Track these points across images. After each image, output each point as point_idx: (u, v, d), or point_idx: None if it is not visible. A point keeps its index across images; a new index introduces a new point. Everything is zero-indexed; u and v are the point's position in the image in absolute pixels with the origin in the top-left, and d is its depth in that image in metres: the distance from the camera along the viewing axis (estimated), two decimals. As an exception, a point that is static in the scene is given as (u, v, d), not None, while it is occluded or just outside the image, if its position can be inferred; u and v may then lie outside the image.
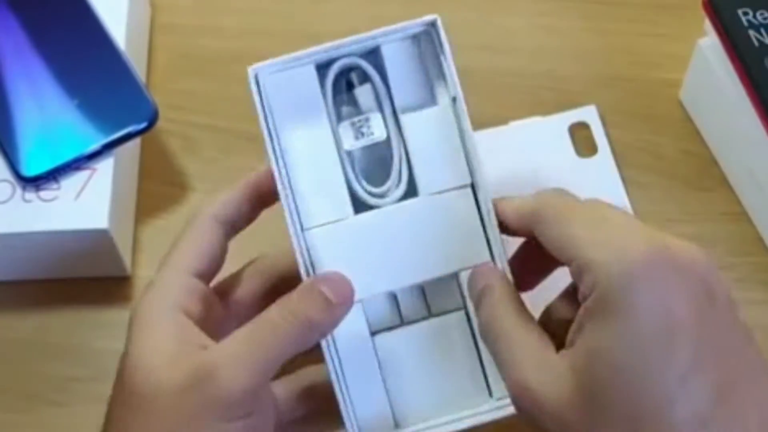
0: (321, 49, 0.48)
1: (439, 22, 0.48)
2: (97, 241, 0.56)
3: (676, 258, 0.41)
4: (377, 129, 0.49)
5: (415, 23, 0.49)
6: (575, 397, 0.41)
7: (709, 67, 0.61)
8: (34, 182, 0.56)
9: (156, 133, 0.62)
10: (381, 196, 0.49)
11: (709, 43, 0.61)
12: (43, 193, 0.57)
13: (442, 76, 0.49)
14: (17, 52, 0.60)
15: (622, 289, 0.40)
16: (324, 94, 0.48)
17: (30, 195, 0.57)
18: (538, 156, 0.63)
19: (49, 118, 0.58)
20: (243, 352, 0.44)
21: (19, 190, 0.57)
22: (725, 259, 0.60)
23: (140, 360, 0.46)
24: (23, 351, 0.58)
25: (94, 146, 0.57)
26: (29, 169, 0.57)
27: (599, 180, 0.63)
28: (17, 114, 0.58)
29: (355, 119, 0.49)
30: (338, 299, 0.45)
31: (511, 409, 0.47)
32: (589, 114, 0.65)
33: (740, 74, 0.58)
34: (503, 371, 0.44)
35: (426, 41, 0.49)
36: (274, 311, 0.45)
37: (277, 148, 0.47)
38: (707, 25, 0.60)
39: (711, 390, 0.39)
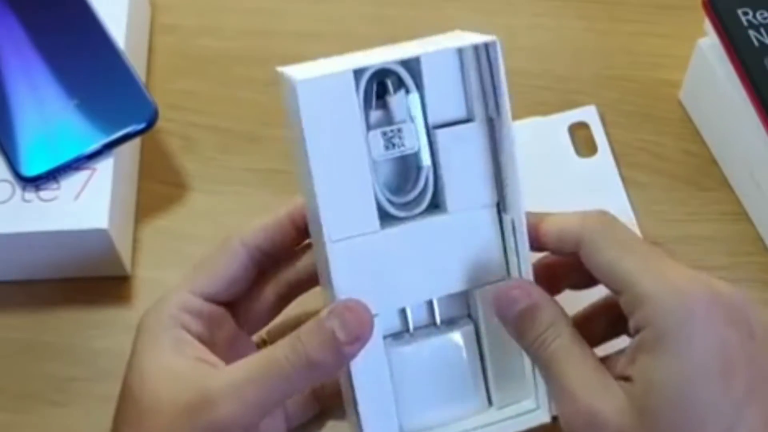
0: (361, 61, 0.46)
1: (498, 46, 0.46)
2: (97, 241, 0.56)
3: (722, 296, 0.43)
4: (409, 140, 0.47)
5: (471, 39, 0.46)
6: (637, 424, 0.42)
7: (709, 67, 0.61)
8: (33, 182, 0.56)
9: (156, 133, 0.62)
10: (403, 206, 0.48)
11: (709, 43, 0.61)
12: (42, 193, 0.57)
13: (483, 93, 0.47)
14: (17, 52, 0.60)
15: (679, 325, 0.42)
16: (358, 99, 0.46)
17: (30, 195, 0.57)
18: (538, 156, 0.63)
19: (48, 118, 0.58)
20: (245, 388, 0.44)
21: (18, 190, 0.57)
22: (725, 259, 0.60)
23: (143, 371, 0.47)
24: (22, 351, 0.58)
25: (94, 146, 0.57)
26: (29, 169, 0.57)
27: (599, 180, 0.63)
28: (17, 114, 0.58)
29: (387, 129, 0.47)
30: (350, 338, 0.44)
31: (515, 426, 0.48)
32: (588, 114, 0.65)
33: (740, 74, 0.58)
34: (563, 397, 0.45)
35: (470, 56, 0.47)
36: (281, 351, 0.45)
37: (310, 156, 0.45)
38: (707, 25, 0.60)
39: (763, 415, 0.41)
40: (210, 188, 0.63)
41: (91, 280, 0.59)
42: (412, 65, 0.47)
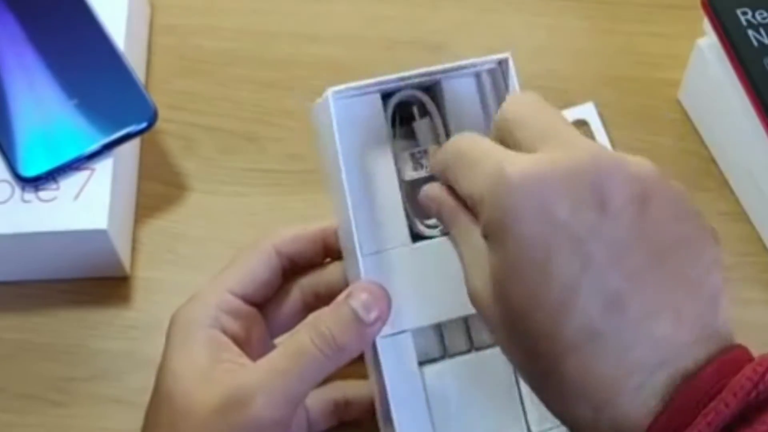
0: (388, 80, 0.47)
1: (510, 62, 0.48)
2: (96, 242, 0.56)
3: (555, 169, 0.38)
4: None
5: (486, 60, 0.48)
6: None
7: (708, 67, 0.61)
8: (33, 182, 0.56)
9: (155, 133, 0.62)
10: (432, 227, 0.49)
11: (709, 42, 0.61)
12: (42, 194, 0.57)
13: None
14: (16, 53, 0.60)
15: (495, 209, 0.39)
16: (386, 121, 0.48)
17: (29, 195, 0.57)
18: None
19: (48, 119, 0.58)
20: (276, 381, 0.45)
21: (18, 191, 0.57)
22: (725, 259, 0.60)
23: (175, 371, 0.47)
24: (22, 351, 0.58)
25: (94, 146, 0.57)
26: (28, 170, 0.57)
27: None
28: (16, 114, 0.58)
29: (415, 150, 0.49)
30: (370, 317, 0.45)
31: None
32: (587, 111, 0.65)
33: (739, 74, 0.58)
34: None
35: (487, 78, 0.49)
36: (306, 336, 0.45)
37: (345, 170, 0.46)
38: (706, 24, 0.60)
39: (603, 300, 0.37)
40: (209, 188, 0.63)
41: (90, 280, 0.59)
42: (434, 91, 0.49)
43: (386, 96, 0.49)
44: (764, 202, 0.60)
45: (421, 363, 0.49)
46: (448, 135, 0.49)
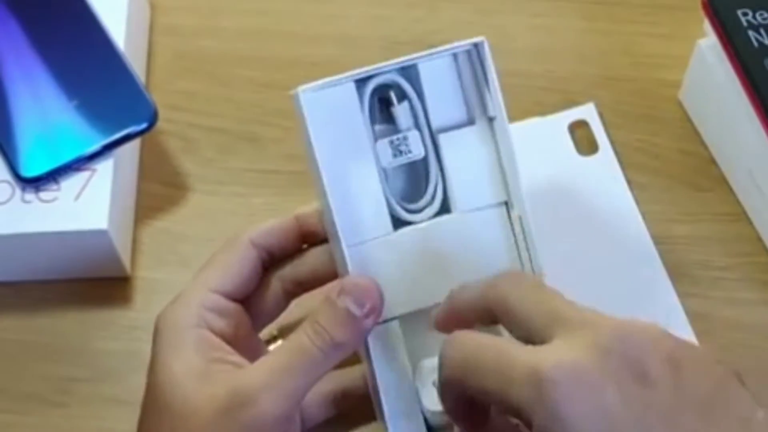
0: (362, 71, 0.48)
1: (486, 45, 0.48)
2: (97, 242, 0.56)
3: (587, 354, 0.39)
4: (415, 147, 0.49)
5: (461, 45, 0.49)
6: None
7: (708, 68, 0.61)
8: (33, 183, 0.56)
9: (155, 133, 0.62)
10: (415, 212, 0.49)
11: (709, 43, 0.61)
12: (42, 194, 0.57)
13: (480, 95, 0.49)
14: (17, 53, 0.60)
15: (547, 413, 0.39)
16: (362, 111, 0.48)
17: (30, 196, 0.57)
18: (539, 157, 0.62)
19: (48, 119, 0.58)
20: (280, 379, 0.45)
21: (18, 191, 0.57)
22: (724, 260, 0.60)
23: (171, 375, 0.47)
24: (23, 351, 0.58)
25: (94, 147, 0.57)
26: (29, 170, 0.57)
27: (602, 178, 0.62)
28: (17, 115, 0.58)
29: (394, 137, 0.49)
30: (363, 311, 0.46)
31: None
32: (588, 112, 0.65)
33: (740, 74, 0.58)
34: None
35: (464, 59, 0.49)
36: (305, 337, 0.46)
37: (322, 165, 0.47)
38: (707, 25, 0.60)
39: None
40: (210, 189, 0.63)
41: (90, 281, 0.59)
42: (411, 76, 0.49)
43: (363, 84, 0.48)
44: (764, 202, 0.60)
45: (414, 351, 0.49)
46: (427, 118, 0.49)
